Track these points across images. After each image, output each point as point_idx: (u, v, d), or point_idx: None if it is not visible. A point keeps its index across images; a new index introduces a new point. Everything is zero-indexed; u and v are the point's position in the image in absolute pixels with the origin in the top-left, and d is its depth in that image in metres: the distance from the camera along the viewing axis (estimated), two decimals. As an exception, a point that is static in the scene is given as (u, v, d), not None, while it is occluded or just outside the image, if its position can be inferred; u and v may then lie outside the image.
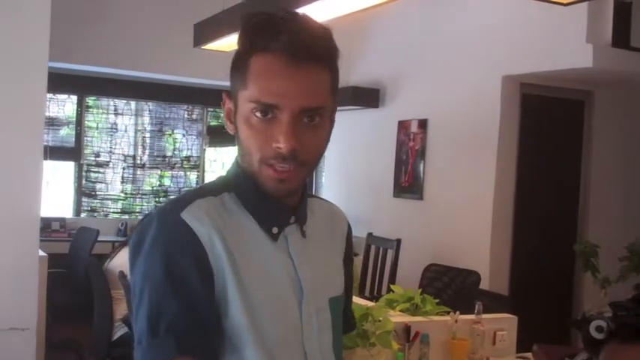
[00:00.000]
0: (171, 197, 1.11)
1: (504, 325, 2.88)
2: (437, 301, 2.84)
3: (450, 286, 4.23)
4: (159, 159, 6.75)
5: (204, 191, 1.06)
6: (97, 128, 6.49)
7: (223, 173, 1.13)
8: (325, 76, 1.02)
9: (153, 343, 0.95)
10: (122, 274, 3.42)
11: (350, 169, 6.17)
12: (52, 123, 6.25)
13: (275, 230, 1.05)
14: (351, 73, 5.88)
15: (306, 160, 1.01)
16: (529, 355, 2.80)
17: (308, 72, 0.99)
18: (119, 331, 3.75)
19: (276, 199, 1.05)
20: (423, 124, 5.40)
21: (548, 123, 4.88)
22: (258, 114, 0.99)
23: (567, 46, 4.22)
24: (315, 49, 0.99)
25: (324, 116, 1.03)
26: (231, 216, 1.04)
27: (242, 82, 1.01)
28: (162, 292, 0.96)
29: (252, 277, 1.01)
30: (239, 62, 1.03)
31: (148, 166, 6.71)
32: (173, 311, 0.95)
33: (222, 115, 1.11)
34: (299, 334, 1.06)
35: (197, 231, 0.98)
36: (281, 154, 0.99)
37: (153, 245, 0.98)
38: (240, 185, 1.06)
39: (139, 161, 6.66)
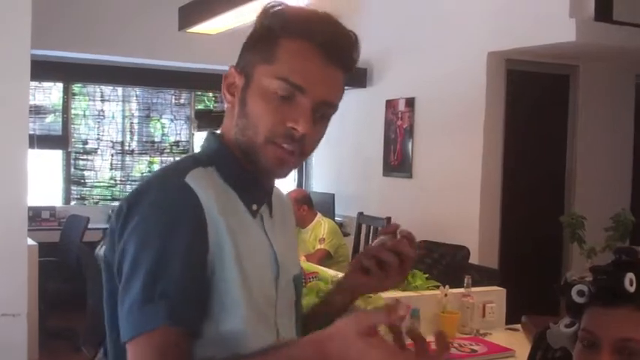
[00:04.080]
0: (165, 165, 1.08)
1: (493, 297, 2.91)
2: (426, 276, 2.87)
3: (440, 262, 4.26)
4: (147, 145, 6.72)
5: (192, 162, 1.03)
6: (84, 115, 6.44)
7: None
8: (342, 83, 1.05)
9: (145, 309, 0.91)
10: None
11: (339, 149, 6.18)
12: (39, 111, 6.19)
13: (254, 207, 1.06)
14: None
15: (306, 151, 1.03)
16: (518, 326, 2.84)
17: (335, 72, 1.03)
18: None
19: (257, 177, 1.06)
20: (410, 102, 5.41)
21: (534, 98, 4.90)
22: (279, 92, 0.99)
23: (551, 21, 4.23)
24: (350, 57, 1.04)
25: (329, 117, 1.05)
26: (218, 187, 1.03)
27: (266, 57, 1.01)
28: (163, 255, 0.93)
29: (245, 247, 1.01)
30: (262, 38, 1.02)
31: (136, 152, 6.68)
32: (173, 275, 0.92)
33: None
34: (273, 309, 1.06)
35: (200, 197, 0.97)
36: (294, 135, 0.99)
37: (153, 209, 0.95)
38: (223, 160, 1.05)
39: (127, 147, 6.63)
